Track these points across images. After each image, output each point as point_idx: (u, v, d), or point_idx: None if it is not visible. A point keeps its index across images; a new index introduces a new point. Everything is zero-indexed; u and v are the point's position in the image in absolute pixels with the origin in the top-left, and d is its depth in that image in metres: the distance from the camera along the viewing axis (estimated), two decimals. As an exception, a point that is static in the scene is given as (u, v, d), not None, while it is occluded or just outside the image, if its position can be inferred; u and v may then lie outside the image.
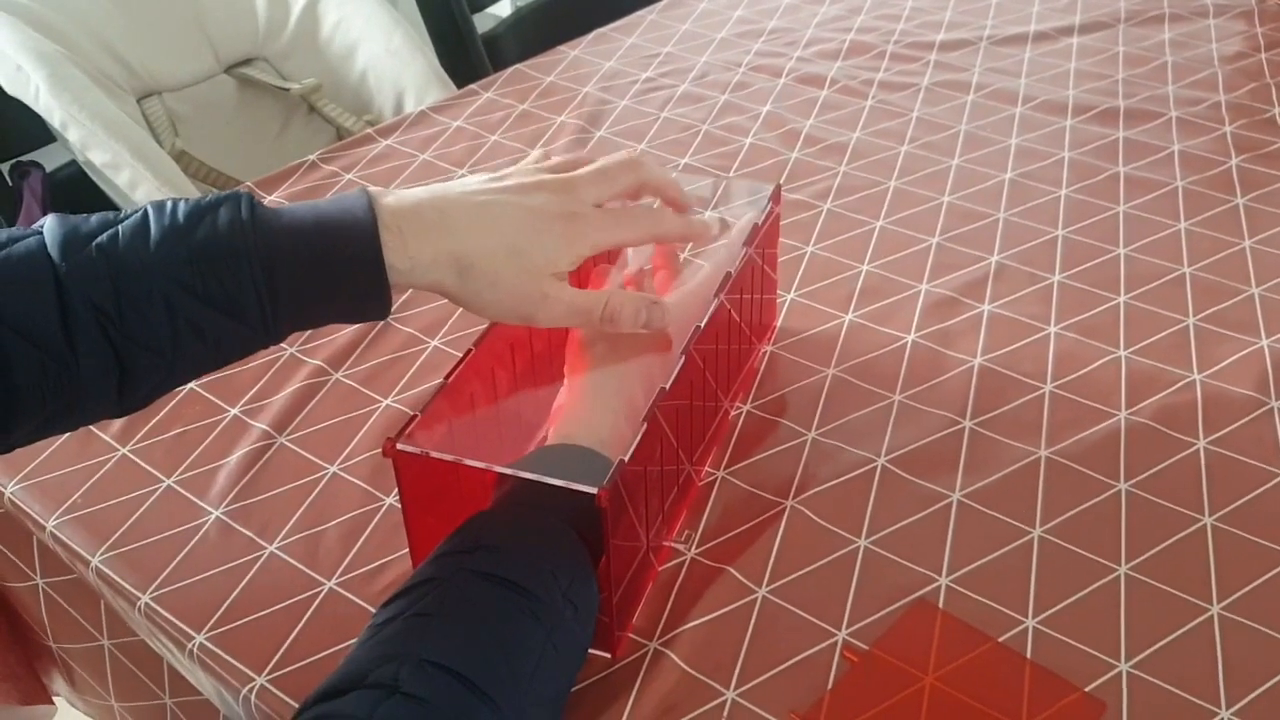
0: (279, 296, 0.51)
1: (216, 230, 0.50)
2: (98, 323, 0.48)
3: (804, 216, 0.93)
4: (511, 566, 0.51)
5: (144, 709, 0.74)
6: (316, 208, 0.53)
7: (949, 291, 0.83)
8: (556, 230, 0.56)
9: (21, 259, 0.49)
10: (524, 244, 0.55)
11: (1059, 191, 0.96)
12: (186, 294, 0.49)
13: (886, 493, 0.66)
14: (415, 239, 0.53)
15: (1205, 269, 0.86)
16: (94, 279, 0.48)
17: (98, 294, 0.48)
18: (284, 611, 0.60)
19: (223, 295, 0.50)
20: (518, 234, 0.55)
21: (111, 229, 0.50)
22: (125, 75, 1.33)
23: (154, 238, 0.50)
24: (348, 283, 0.53)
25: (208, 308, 0.50)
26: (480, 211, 0.55)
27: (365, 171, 1.02)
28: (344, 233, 0.52)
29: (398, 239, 0.52)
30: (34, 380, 0.48)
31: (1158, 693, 0.55)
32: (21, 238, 0.50)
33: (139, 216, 0.51)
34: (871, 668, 0.56)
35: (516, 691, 0.47)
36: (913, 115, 1.09)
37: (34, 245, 0.49)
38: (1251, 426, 0.71)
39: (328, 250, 0.52)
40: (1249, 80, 1.14)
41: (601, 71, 1.20)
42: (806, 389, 0.75)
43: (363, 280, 0.52)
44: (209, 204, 0.51)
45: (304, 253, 0.52)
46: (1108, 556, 0.62)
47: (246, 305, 0.51)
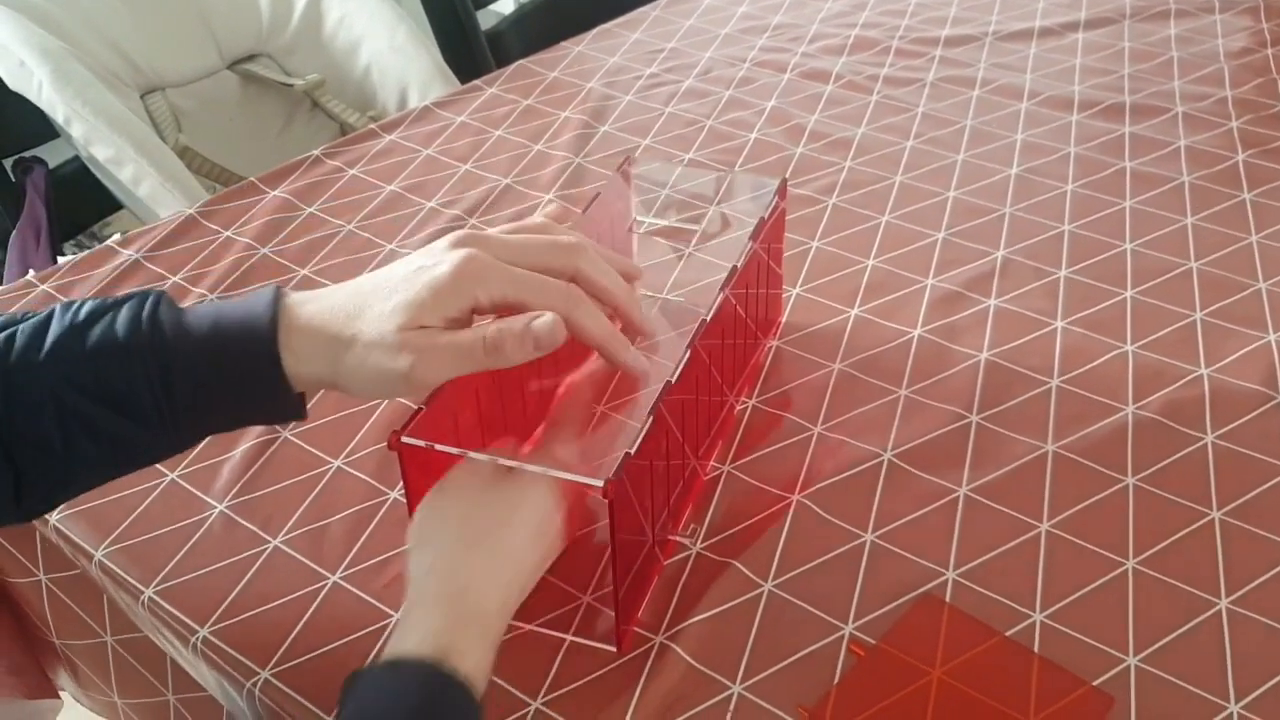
0: (175, 395, 0.50)
1: (114, 328, 0.50)
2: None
3: (809, 211, 0.93)
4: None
5: (148, 705, 0.74)
6: (221, 308, 0.52)
7: (955, 286, 0.83)
8: (440, 273, 0.51)
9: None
10: (400, 296, 0.51)
11: (1065, 187, 0.96)
12: (77, 391, 0.49)
13: (893, 487, 0.66)
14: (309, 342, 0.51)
15: (1212, 264, 0.85)
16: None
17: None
18: (288, 605, 0.60)
19: (115, 393, 0.49)
20: (396, 288, 0.51)
21: (11, 329, 0.50)
22: (129, 71, 1.33)
23: (51, 336, 0.50)
24: (248, 386, 0.51)
25: (99, 405, 0.49)
26: (371, 283, 0.53)
27: (369, 166, 1.02)
28: (241, 334, 0.51)
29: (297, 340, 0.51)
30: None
31: (1166, 687, 0.55)
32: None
33: (43, 316, 0.51)
34: (879, 662, 0.56)
35: None
36: (918, 110, 1.09)
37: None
38: (1259, 421, 0.70)
39: (222, 351, 0.51)
40: (1255, 75, 1.14)
41: (605, 67, 1.20)
42: (812, 384, 0.74)
43: (261, 384, 0.51)
44: (114, 302, 0.51)
45: (200, 352, 0.51)
46: (1115, 551, 0.62)
47: (141, 404, 0.49)
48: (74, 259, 0.90)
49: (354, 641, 0.58)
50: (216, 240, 0.92)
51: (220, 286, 0.86)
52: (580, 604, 0.59)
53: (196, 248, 0.91)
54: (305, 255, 0.89)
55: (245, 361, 0.51)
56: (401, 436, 0.54)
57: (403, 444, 0.54)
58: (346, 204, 0.96)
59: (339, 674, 0.56)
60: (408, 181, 0.99)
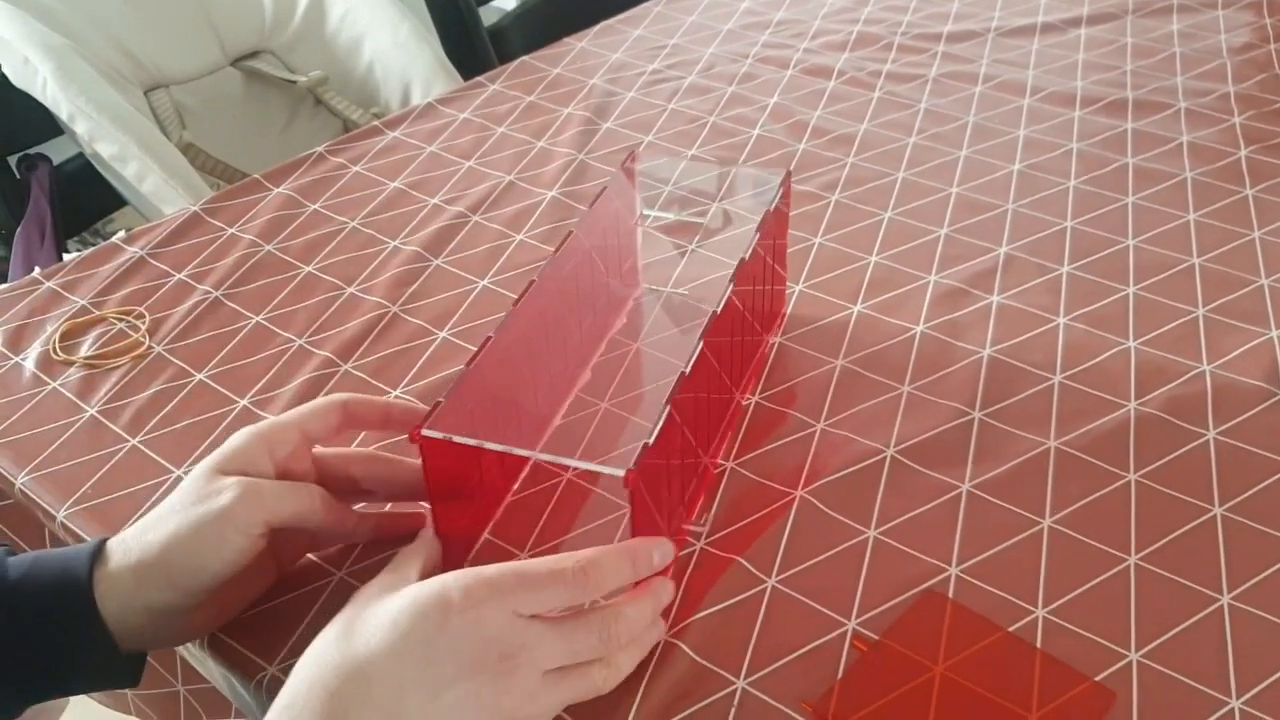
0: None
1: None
2: None
3: (812, 208, 0.93)
4: None
5: (158, 697, 0.74)
6: (41, 562, 0.54)
7: (957, 283, 0.83)
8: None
9: None
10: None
11: (1067, 183, 0.96)
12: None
13: (896, 483, 0.66)
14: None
15: (1214, 260, 0.85)
16: None
17: None
18: (294, 601, 0.61)
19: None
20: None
21: None
22: (132, 68, 1.34)
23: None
24: (53, 635, 0.53)
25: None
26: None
27: (372, 163, 1.02)
28: (56, 579, 0.52)
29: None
30: None
31: (1168, 682, 0.55)
32: None
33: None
34: (882, 657, 0.56)
35: None
36: (920, 107, 1.09)
37: None
38: (1261, 417, 0.71)
39: (39, 607, 0.52)
40: (1258, 71, 1.14)
41: (608, 63, 1.20)
42: (815, 380, 0.75)
43: (74, 630, 0.52)
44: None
45: (16, 607, 0.52)
46: (1118, 547, 0.62)
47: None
48: (79, 256, 0.90)
49: (360, 637, 0.58)
50: (221, 237, 0.92)
51: (225, 283, 0.86)
52: None
53: (201, 245, 0.91)
54: (309, 252, 0.90)
55: (61, 606, 0.52)
56: (422, 430, 0.54)
57: (424, 437, 0.54)
58: (350, 201, 0.96)
59: (345, 669, 0.56)
60: (411, 178, 0.99)
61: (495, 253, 0.89)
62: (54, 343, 0.80)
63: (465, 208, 0.95)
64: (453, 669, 0.46)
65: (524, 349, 0.65)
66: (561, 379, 0.72)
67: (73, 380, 0.77)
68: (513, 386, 0.64)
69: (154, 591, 0.53)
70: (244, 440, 0.56)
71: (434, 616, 0.47)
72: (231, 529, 0.53)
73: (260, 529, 0.54)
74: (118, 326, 0.82)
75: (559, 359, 0.70)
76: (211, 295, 0.85)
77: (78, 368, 0.78)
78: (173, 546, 0.53)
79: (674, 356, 0.77)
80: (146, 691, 0.75)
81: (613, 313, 0.79)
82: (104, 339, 0.81)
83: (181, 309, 0.83)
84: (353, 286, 0.85)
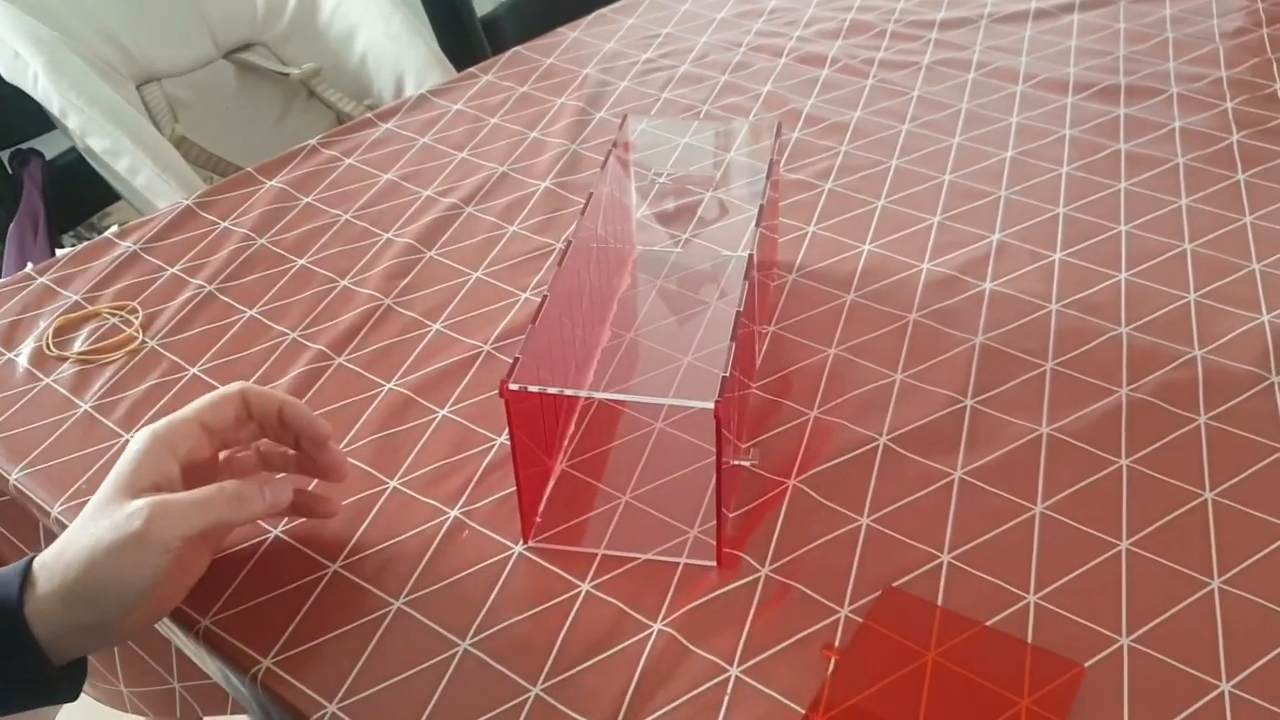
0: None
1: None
2: None
3: (806, 196, 0.93)
4: None
5: (153, 694, 0.74)
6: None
7: (950, 270, 0.83)
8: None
9: None
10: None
11: (1060, 169, 0.96)
12: None
13: (888, 471, 0.67)
14: None
15: (1206, 245, 0.86)
16: None
17: None
18: (289, 594, 0.61)
19: None
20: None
21: None
22: (124, 61, 1.33)
23: None
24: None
25: None
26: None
27: (365, 155, 1.02)
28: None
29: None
30: None
31: (1159, 666, 0.55)
32: None
33: None
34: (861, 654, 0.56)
35: None
36: (913, 94, 1.09)
37: None
38: (1252, 402, 0.71)
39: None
40: (1250, 55, 1.14)
41: (601, 53, 1.20)
42: (808, 368, 0.75)
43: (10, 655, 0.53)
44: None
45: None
46: (1109, 532, 0.62)
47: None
48: (72, 251, 0.90)
49: (355, 629, 0.59)
50: (214, 231, 0.92)
51: (219, 278, 0.86)
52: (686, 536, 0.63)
53: (194, 239, 0.91)
54: (302, 245, 0.90)
55: None
56: (508, 384, 0.55)
57: (511, 391, 0.56)
58: (343, 193, 0.96)
59: (340, 661, 0.57)
60: (404, 170, 0.99)
61: (489, 244, 0.89)
62: (47, 338, 0.80)
63: (459, 199, 0.95)
64: None
65: (565, 306, 0.66)
66: (591, 333, 0.74)
67: (66, 376, 0.77)
68: (561, 340, 0.66)
69: (82, 612, 0.53)
70: (144, 447, 0.57)
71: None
72: (148, 552, 0.53)
73: (177, 544, 0.54)
74: (111, 321, 0.82)
75: (588, 314, 0.72)
76: (205, 289, 0.85)
77: (71, 363, 0.78)
78: (94, 571, 0.53)
79: (678, 312, 0.79)
80: (141, 689, 0.75)
81: (618, 273, 0.81)
82: (97, 334, 0.81)
83: (175, 303, 0.83)
84: (346, 279, 0.85)
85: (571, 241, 0.66)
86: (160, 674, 0.73)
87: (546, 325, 0.61)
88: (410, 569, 0.62)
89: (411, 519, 0.65)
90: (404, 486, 0.67)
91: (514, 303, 0.82)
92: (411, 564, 0.62)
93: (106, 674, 0.77)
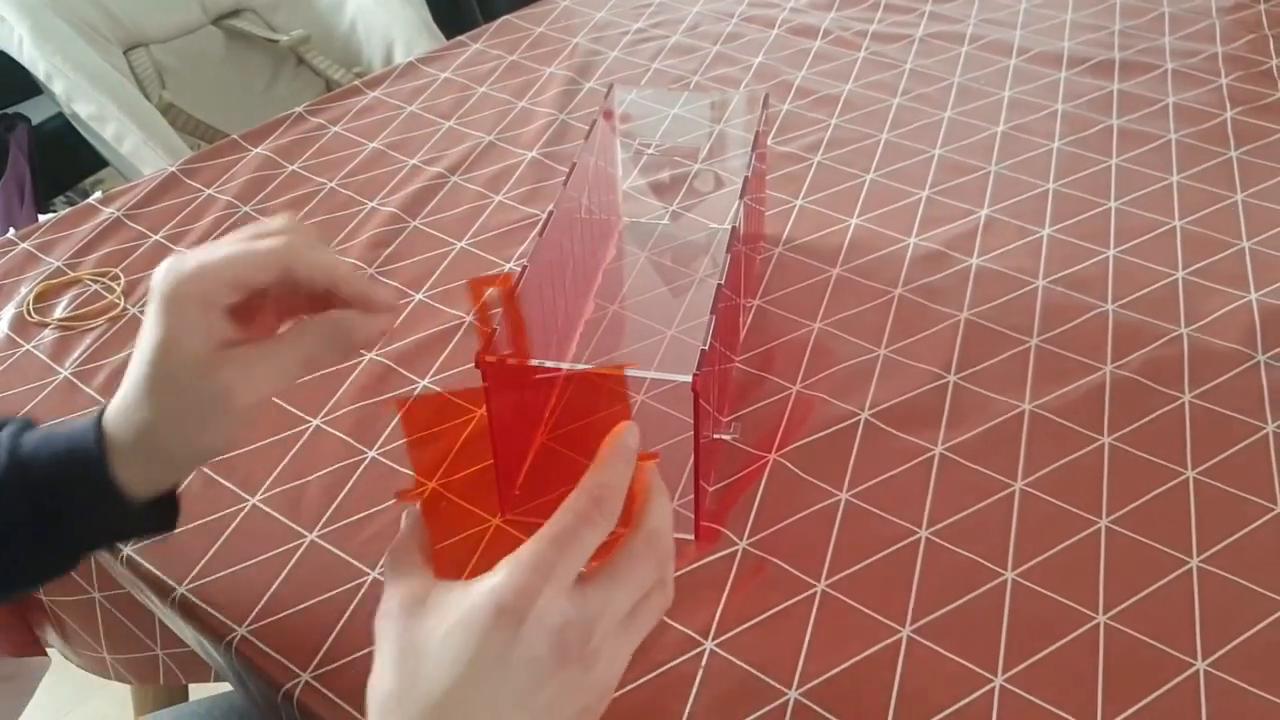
0: (15, 518, 0.51)
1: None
2: None
3: (795, 169, 0.93)
4: None
5: (136, 660, 0.74)
6: (51, 429, 0.53)
7: (937, 245, 0.83)
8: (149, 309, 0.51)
9: None
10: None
11: (1051, 144, 0.95)
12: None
13: (869, 446, 0.66)
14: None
15: (1196, 222, 0.85)
16: None
17: None
18: (266, 563, 0.61)
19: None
20: None
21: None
22: (110, 26, 1.32)
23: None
24: (80, 499, 0.52)
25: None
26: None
27: (352, 124, 1.01)
28: (67, 446, 0.52)
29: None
30: None
31: (1135, 644, 0.55)
32: None
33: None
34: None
35: None
36: (906, 67, 1.08)
37: None
38: (1237, 380, 0.71)
39: (54, 471, 0.52)
40: (1247, 31, 1.13)
41: (592, 22, 1.19)
42: (793, 342, 0.74)
43: (99, 501, 0.52)
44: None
45: (32, 474, 0.52)
46: (1089, 510, 0.62)
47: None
48: (55, 217, 0.90)
49: (331, 599, 0.58)
50: (199, 198, 0.91)
51: (202, 244, 0.85)
52: None
53: (178, 206, 0.90)
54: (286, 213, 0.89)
55: (73, 465, 0.51)
56: (485, 356, 0.54)
57: (487, 362, 0.54)
58: (328, 161, 0.96)
59: (315, 631, 0.57)
60: (390, 139, 0.98)
61: (474, 214, 0.88)
62: (28, 304, 0.79)
63: (444, 168, 0.94)
64: (535, 675, 0.43)
65: (547, 277, 0.66)
66: (574, 305, 0.73)
67: (47, 342, 0.77)
68: (542, 311, 0.65)
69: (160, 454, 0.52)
70: (178, 320, 0.49)
71: (498, 632, 0.43)
72: (229, 417, 0.50)
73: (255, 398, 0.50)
74: (93, 288, 0.82)
75: (571, 285, 0.72)
76: (187, 257, 0.84)
77: (52, 329, 0.78)
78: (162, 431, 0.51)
79: (662, 285, 0.79)
80: (125, 655, 0.75)
81: (603, 244, 0.81)
82: (79, 300, 0.80)
83: (157, 270, 0.83)
84: (330, 248, 0.85)
85: (554, 212, 0.66)
86: (144, 640, 0.73)
87: (526, 296, 0.61)
88: (387, 540, 0.61)
89: (390, 489, 0.65)
90: (383, 457, 0.67)
91: (498, 273, 0.81)
92: (389, 535, 0.62)
93: (90, 641, 0.77)
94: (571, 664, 0.43)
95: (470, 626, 0.43)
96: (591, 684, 0.44)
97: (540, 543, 0.45)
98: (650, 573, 0.47)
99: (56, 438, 0.53)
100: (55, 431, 0.53)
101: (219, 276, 0.49)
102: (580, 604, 0.44)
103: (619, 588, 0.46)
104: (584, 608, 0.44)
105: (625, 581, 0.46)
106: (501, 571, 0.44)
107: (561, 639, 0.43)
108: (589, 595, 0.45)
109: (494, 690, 0.42)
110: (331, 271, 0.51)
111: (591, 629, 0.44)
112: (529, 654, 0.42)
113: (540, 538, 0.45)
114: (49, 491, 0.52)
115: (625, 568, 0.46)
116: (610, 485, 0.47)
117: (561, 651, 0.43)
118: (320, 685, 0.54)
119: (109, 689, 1.45)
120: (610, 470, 0.47)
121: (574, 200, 0.70)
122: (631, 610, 0.46)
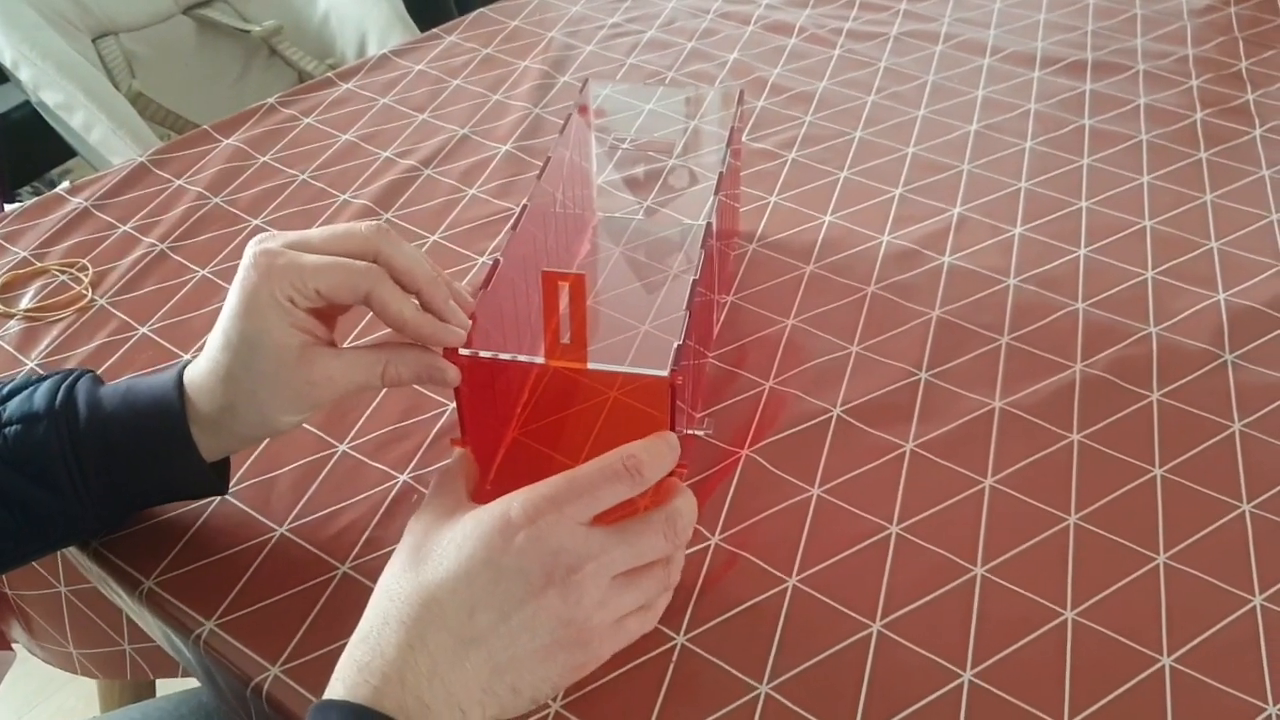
0: (85, 463, 0.53)
1: (32, 399, 0.54)
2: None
3: (769, 166, 0.93)
4: None
5: (103, 655, 0.74)
6: (132, 381, 0.56)
7: (910, 243, 0.83)
8: (239, 284, 0.53)
9: None
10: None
11: (1023, 144, 0.96)
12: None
13: (840, 442, 0.67)
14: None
15: (1166, 223, 0.86)
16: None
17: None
18: (235, 557, 0.60)
19: (28, 460, 0.53)
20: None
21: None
22: (79, 14, 1.30)
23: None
24: (160, 455, 0.55)
25: (12, 471, 0.53)
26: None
27: (324, 115, 1.00)
28: (150, 401, 0.55)
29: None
30: None
31: (1102, 640, 0.56)
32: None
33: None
34: (821, 615, 0.56)
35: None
36: (880, 65, 1.08)
37: None
38: (1205, 379, 0.71)
39: (132, 419, 0.54)
40: (1217, 34, 1.14)
41: (567, 16, 1.18)
42: (766, 339, 0.74)
43: (172, 451, 0.55)
44: (38, 379, 0.55)
45: (111, 422, 0.54)
46: (1058, 506, 0.63)
47: (53, 471, 0.53)
48: (21, 207, 0.88)
49: (301, 593, 0.58)
50: (168, 189, 0.90)
51: (170, 236, 0.85)
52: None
53: (147, 196, 0.89)
54: (257, 205, 0.88)
55: (155, 424, 0.54)
56: (457, 349, 0.54)
57: (457, 355, 0.55)
58: (300, 153, 0.95)
59: (285, 625, 0.56)
60: (363, 131, 0.98)
61: (447, 207, 0.88)
62: (-7, 295, 0.79)
63: (417, 161, 0.93)
64: (521, 587, 0.47)
65: (520, 270, 0.65)
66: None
67: (13, 332, 0.76)
68: (515, 305, 0.65)
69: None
70: (264, 316, 0.52)
71: (498, 537, 0.47)
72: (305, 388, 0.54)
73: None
74: (60, 279, 0.81)
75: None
76: (157, 248, 0.83)
77: (18, 320, 0.77)
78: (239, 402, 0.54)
79: (636, 280, 0.79)
80: (91, 650, 0.74)
81: (577, 239, 0.80)
82: (46, 291, 0.79)
83: (126, 261, 0.82)
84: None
85: (528, 206, 0.65)
86: (110, 635, 0.72)
87: (499, 290, 0.60)
88: (358, 534, 0.61)
89: (360, 483, 0.64)
90: (353, 450, 0.66)
91: (471, 267, 0.81)
92: (359, 529, 0.61)
93: (56, 635, 0.76)
94: (554, 586, 0.47)
95: (476, 529, 0.48)
96: (570, 619, 0.48)
97: (560, 479, 0.49)
98: (659, 544, 0.51)
99: (138, 391, 0.55)
100: (135, 385, 0.56)
101: (309, 284, 0.52)
102: (581, 539, 0.48)
103: (622, 542, 0.49)
104: (583, 543, 0.48)
105: (631, 540, 0.50)
106: (520, 495, 0.48)
107: (552, 561, 0.47)
108: (591, 536, 0.48)
109: (480, 588, 0.47)
110: (407, 317, 0.54)
111: (583, 562, 0.48)
112: (519, 564, 0.47)
113: (562, 476, 0.49)
114: (131, 442, 0.55)
115: (635, 529, 0.50)
116: (641, 458, 0.50)
117: (548, 573, 0.47)
118: (290, 679, 0.54)
119: (75, 684, 1.44)
120: (647, 447, 0.51)
121: (548, 195, 0.70)
122: (631, 572, 0.50)
